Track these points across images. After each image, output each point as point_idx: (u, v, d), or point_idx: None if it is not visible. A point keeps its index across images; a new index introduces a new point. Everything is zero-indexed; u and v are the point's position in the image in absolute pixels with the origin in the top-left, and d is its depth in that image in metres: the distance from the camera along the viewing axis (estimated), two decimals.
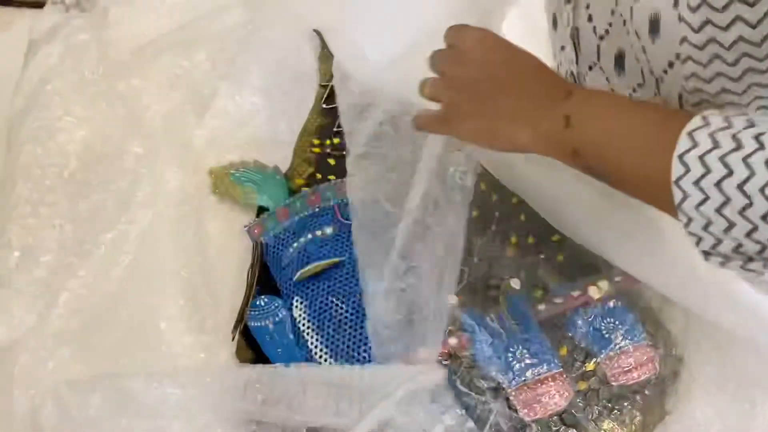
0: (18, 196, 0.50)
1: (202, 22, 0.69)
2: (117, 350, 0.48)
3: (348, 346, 0.52)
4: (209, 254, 0.59)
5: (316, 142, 0.70)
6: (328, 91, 0.74)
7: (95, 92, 0.56)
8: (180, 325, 0.52)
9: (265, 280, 0.58)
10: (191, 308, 0.52)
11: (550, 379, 0.49)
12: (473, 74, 0.46)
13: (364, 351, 0.51)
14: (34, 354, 0.48)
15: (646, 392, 0.51)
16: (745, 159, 0.32)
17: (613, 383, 0.50)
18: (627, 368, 0.51)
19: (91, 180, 0.53)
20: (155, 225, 0.55)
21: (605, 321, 0.53)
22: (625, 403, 0.50)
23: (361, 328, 0.52)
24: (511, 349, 0.50)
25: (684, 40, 0.39)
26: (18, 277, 0.49)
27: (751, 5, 0.35)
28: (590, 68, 0.52)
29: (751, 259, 0.34)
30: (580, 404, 0.49)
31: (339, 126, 0.71)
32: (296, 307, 0.55)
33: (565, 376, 0.50)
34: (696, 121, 0.35)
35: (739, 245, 0.34)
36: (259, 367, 0.46)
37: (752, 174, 0.32)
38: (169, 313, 0.51)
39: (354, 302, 0.54)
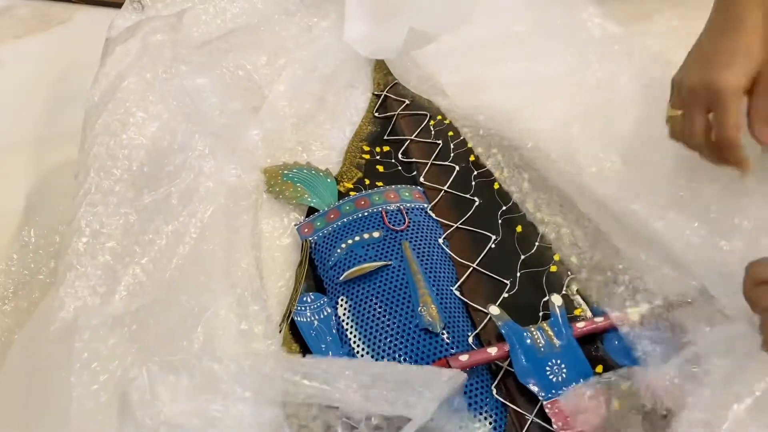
0: (90, 185, 0.53)
1: (265, 26, 0.72)
2: (174, 333, 0.51)
3: (389, 347, 0.54)
4: (263, 249, 0.62)
5: (366, 148, 0.72)
6: (380, 100, 0.76)
7: (166, 90, 0.59)
8: (234, 314, 0.54)
9: (312, 277, 0.61)
10: (245, 299, 0.55)
11: (585, 396, 0.50)
12: None
13: (405, 354, 0.53)
14: (95, 332, 0.51)
15: (680, 415, 0.51)
16: None
17: (647, 404, 0.51)
18: (661, 389, 0.52)
19: (157, 173, 0.56)
20: (214, 219, 0.58)
21: (642, 343, 0.53)
22: (659, 424, 0.51)
23: (403, 331, 0.54)
24: (549, 363, 0.51)
25: None
26: (85, 261, 0.52)
27: None
28: None
29: None
30: (614, 423, 0.50)
31: (389, 134, 0.73)
32: (341, 306, 0.57)
33: (600, 393, 0.51)
34: None
35: None
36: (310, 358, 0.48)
37: None
38: (224, 303, 0.54)
39: (398, 306, 0.55)
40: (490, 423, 0.50)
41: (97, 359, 0.50)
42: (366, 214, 0.63)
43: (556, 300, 0.55)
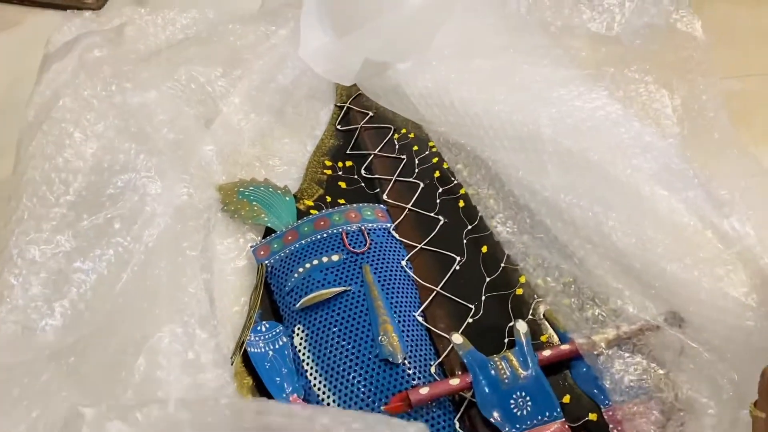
0: (22, 212, 0.49)
1: (218, 36, 0.68)
2: (113, 366, 0.47)
3: (348, 380, 0.51)
4: (214, 272, 0.59)
5: (328, 163, 0.69)
6: (343, 112, 0.74)
7: (107, 108, 0.56)
8: (179, 343, 0.51)
9: (267, 303, 0.58)
10: (192, 326, 0.51)
11: (551, 430, 0.48)
12: None
13: (364, 386, 0.50)
14: (28, 367, 0.48)
15: None
16: None
17: None
18: (631, 419, 0.50)
19: (97, 197, 0.52)
20: (160, 242, 0.54)
21: (610, 371, 0.52)
22: None
23: (362, 362, 0.51)
24: (514, 395, 0.49)
25: None
26: (17, 293, 0.49)
27: None
28: None
29: None
30: None
31: (352, 148, 0.70)
32: (297, 335, 0.54)
33: (567, 425, 0.49)
34: None
35: None
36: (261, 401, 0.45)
37: None
38: (168, 330, 0.50)
39: (357, 335, 0.53)
40: None
41: (27, 396, 0.46)
42: (325, 235, 0.60)
43: (521, 327, 0.53)
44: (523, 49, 0.68)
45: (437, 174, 0.66)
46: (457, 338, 0.52)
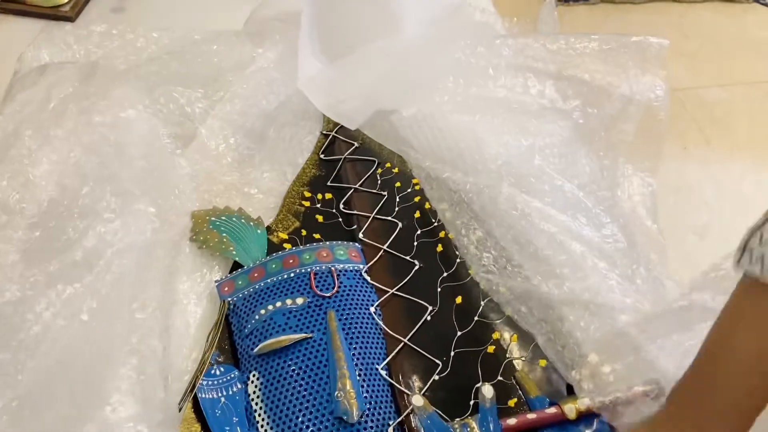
0: None
1: (202, 57, 0.66)
2: (63, 415, 0.45)
3: None
4: (177, 304, 0.57)
5: (307, 194, 0.67)
6: (328, 141, 0.71)
7: (73, 139, 0.53)
8: (129, 386, 0.49)
9: (227, 344, 0.55)
10: (143, 371, 0.49)
11: None
12: None
13: None
14: None
15: None
16: None
17: None
18: None
19: (51, 243, 0.50)
20: (123, 273, 0.52)
21: None
22: None
23: (317, 419, 0.49)
24: None
25: None
26: None
27: None
28: None
29: None
30: None
31: (333, 180, 0.68)
32: (252, 382, 0.52)
33: None
34: None
35: None
36: None
37: None
38: (120, 375, 0.48)
39: (314, 387, 0.50)
40: None
41: None
42: (293, 275, 0.57)
43: (488, 392, 0.50)
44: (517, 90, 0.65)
45: (417, 214, 0.64)
46: (417, 400, 0.49)
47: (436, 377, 0.53)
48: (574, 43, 0.69)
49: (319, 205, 0.66)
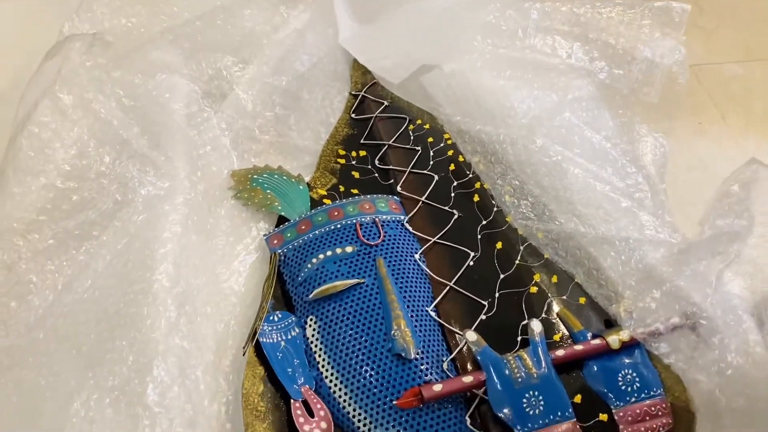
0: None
1: (235, 20, 0.67)
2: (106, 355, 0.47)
3: (360, 373, 0.51)
4: (226, 257, 0.59)
5: (341, 152, 0.68)
6: (358, 101, 0.73)
7: (113, 90, 0.55)
8: (180, 332, 0.51)
9: (280, 293, 0.57)
10: (191, 318, 0.51)
11: (562, 429, 0.48)
12: None
13: (377, 380, 0.50)
14: None
15: None
16: None
17: None
18: (640, 422, 0.50)
19: (99, 189, 0.52)
20: (164, 230, 0.54)
21: (622, 372, 0.52)
22: None
23: (375, 356, 0.51)
24: (526, 394, 0.49)
25: None
26: None
27: None
28: None
29: None
30: None
31: (366, 138, 0.70)
32: (310, 326, 0.54)
33: (578, 425, 0.49)
34: None
35: None
36: None
37: None
38: (166, 322, 0.50)
39: (370, 328, 0.53)
40: None
41: None
42: (339, 226, 0.59)
43: (536, 326, 0.53)
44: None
45: (452, 167, 0.66)
46: (471, 336, 0.52)
47: (483, 317, 0.55)
48: (600, 7, 0.71)
49: (354, 162, 0.68)
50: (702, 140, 0.77)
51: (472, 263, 0.59)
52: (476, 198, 0.63)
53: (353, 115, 0.72)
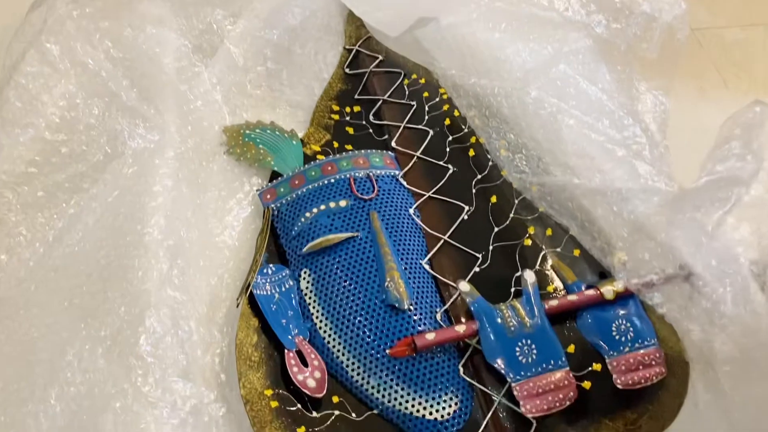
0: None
1: None
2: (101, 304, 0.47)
3: (354, 324, 0.51)
4: (218, 212, 0.58)
5: (335, 108, 0.67)
6: (352, 55, 0.71)
7: (101, 42, 0.54)
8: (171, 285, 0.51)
9: (274, 247, 0.57)
10: (184, 271, 0.51)
11: (555, 377, 0.48)
12: None
13: (370, 330, 0.50)
14: None
15: (652, 397, 0.50)
16: None
17: (619, 386, 0.49)
18: (634, 371, 0.50)
19: (89, 141, 0.51)
20: (155, 183, 0.53)
21: (616, 322, 0.52)
22: (628, 408, 0.49)
23: (369, 307, 0.51)
24: (519, 344, 0.49)
25: None
26: None
27: None
28: None
29: None
30: (585, 405, 0.49)
31: (360, 93, 0.69)
32: (304, 278, 0.54)
33: (571, 374, 0.49)
34: None
35: None
36: None
37: None
38: (158, 274, 0.50)
39: (364, 280, 0.52)
40: (456, 403, 0.48)
41: None
42: (333, 180, 0.59)
43: (529, 276, 0.53)
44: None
45: (447, 122, 0.65)
46: (464, 286, 0.52)
47: (477, 269, 0.55)
48: None
49: (348, 118, 0.67)
50: (703, 104, 0.76)
51: (466, 217, 0.58)
52: (471, 153, 0.63)
53: (347, 70, 0.71)
